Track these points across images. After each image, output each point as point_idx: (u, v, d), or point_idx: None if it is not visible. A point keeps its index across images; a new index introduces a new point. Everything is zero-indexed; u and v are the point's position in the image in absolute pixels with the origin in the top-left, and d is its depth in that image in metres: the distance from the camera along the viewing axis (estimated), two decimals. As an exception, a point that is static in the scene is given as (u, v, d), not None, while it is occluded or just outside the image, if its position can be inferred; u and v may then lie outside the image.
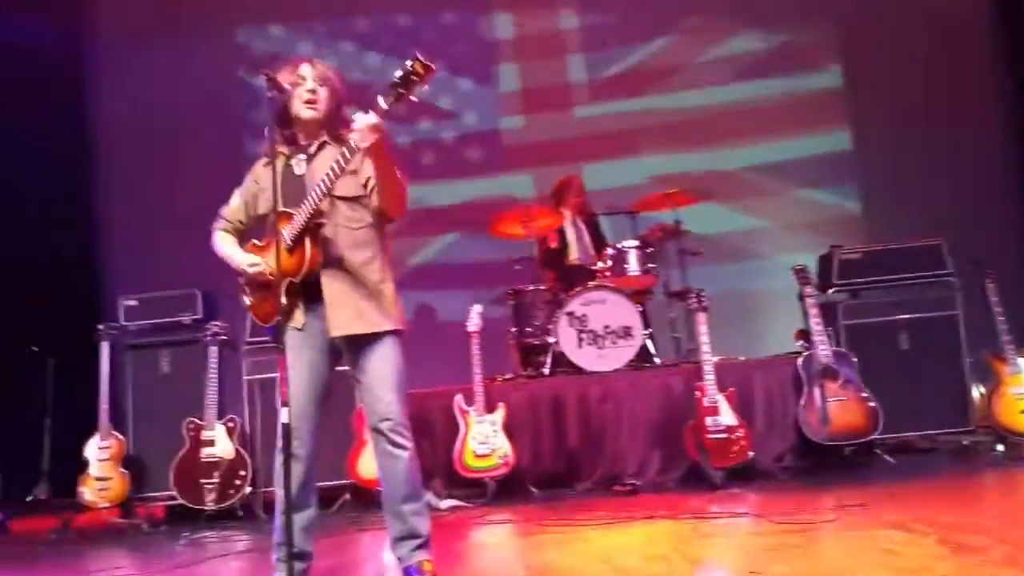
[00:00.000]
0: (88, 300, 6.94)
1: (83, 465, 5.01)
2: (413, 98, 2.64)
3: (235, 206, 3.15)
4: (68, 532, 4.85)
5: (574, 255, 6.11)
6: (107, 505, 4.98)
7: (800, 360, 4.90)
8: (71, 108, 7.36)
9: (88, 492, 4.96)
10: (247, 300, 3.09)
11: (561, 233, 6.08)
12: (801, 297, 5.06)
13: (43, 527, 4.99)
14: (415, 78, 2.60)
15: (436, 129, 7.56)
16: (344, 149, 2.76)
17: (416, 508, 2.98)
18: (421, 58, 2.58)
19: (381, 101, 2.65)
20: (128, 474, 5.02)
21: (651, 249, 5.68)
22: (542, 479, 4.96)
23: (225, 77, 7.54)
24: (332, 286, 2.92)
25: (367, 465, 4.81)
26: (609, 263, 5.58)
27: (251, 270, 2.98)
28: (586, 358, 5.25)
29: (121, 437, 5.10)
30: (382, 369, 2.94)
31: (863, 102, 7.35)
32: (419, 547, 2.97)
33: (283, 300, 2.85)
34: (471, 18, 7.80)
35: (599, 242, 6.12)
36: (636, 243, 5.67)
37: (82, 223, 7.39)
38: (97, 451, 5.01)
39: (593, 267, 5.71)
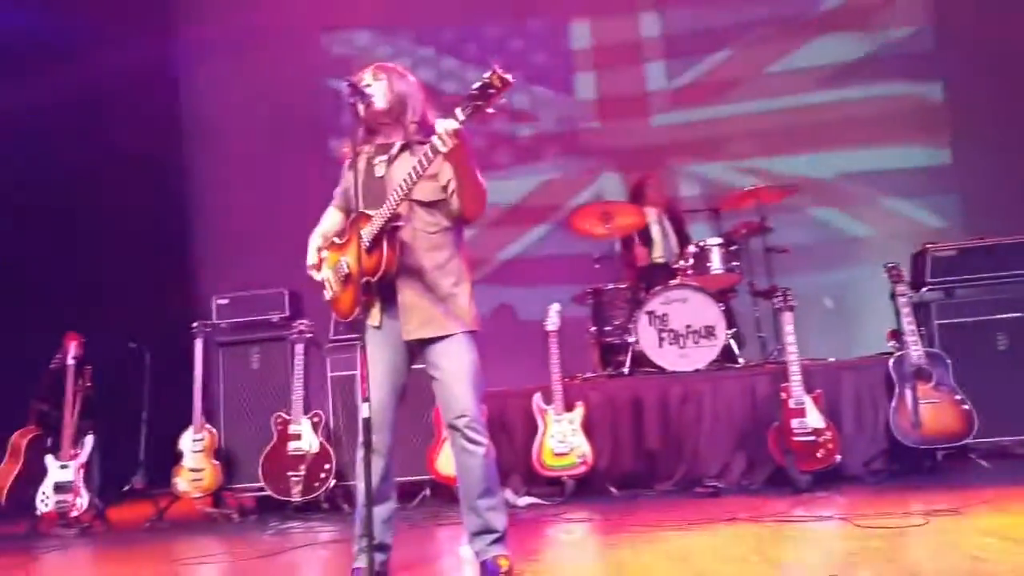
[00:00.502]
0: (184, 298, 7.24)
1: (177, 456, 5.21)
2: (490, 110, 2.66)
3: (334, 203, 3.26)
4: (162, 520, 5.07)
5: (658, 253, 6.04)
6: (200, 495, 5.17)
7: (891, 361, 4.71)
8: (166, 113, 7.70)
9: (182, 482, 5.15)
10: (328, 294, 3.18)
11: (644, 231, 6.01)
12: (893, 296, 4.87)
13: (139, 515, 5.22)
14: (492, 91, 2.62)
15: (516, 129, 7.57)
16: (423, 153, 2.81)
17: (492, 504, 3.00)
18: (498, 71, 2.59)
19: (458, 112, 2.68)
20: (219, 465, 5.21)
21: (735, 246, 5.58)
22: (621, 479, 4.91)
23: (313, 82, 7.73)
24: (406, 290, 2.98)
25: (446, 462, 4.86)
26: (691, 261, 5.50)
27: (309, 266, 3.12)
28: (667, 358, 5.19)
29: (213, 430, 5.29)
30: (456, 367, 2.97)
31: (960, 112, 7.08)
32: (495, 542, 3.00)
33: (361, 298, 2.92)
34: (551, 26, 7.81)
35: (685, 241, 6.03)
36: (719, 240, 5.58)
37: (178, 225, 7.71)
38: (191, 443, 5.21)
39: (675, 265, 5.64)
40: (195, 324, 5.49)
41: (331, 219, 3.24)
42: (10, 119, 6.55)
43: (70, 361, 5.36)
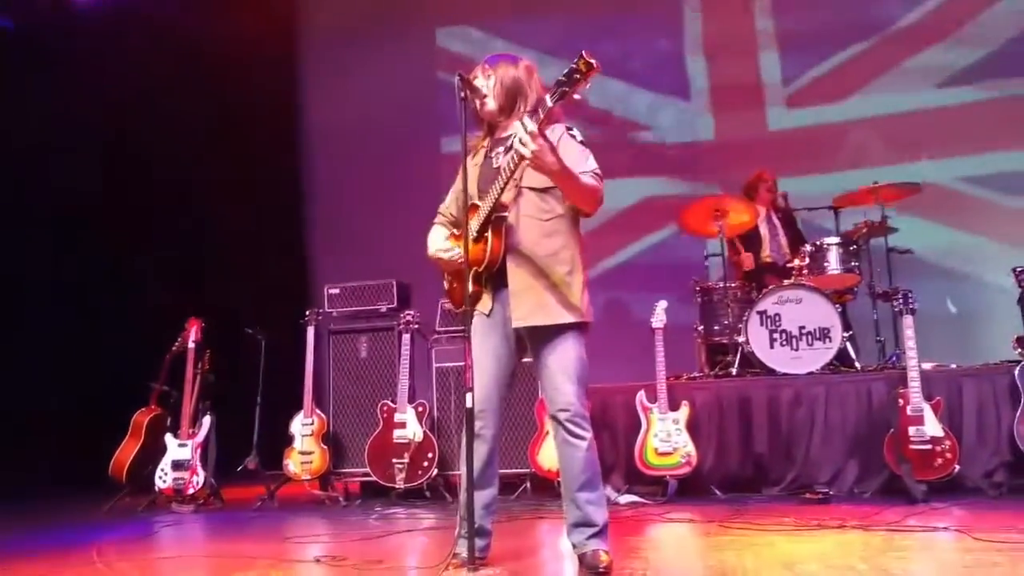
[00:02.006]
0: (299, 287, 7.49)
1: (289, 440, 5.38)
2: (576, 96, 2.65)
3: (447, 202, 3.29)
4: (273, 500, 5.24)
5: (767, 252, 5.86)
6: (308, 478, 5.32)
7: (1018, 369, 4.44)
8: (285, 107, 7.97)
9: (292, 465, 5.32)
10: (446, 284, 3.22)
11: (753, 230, 5.85)
12: (1020, 300, 4.58)
13: (251, 495, 5.41)
14: (577, 75, 2.61)
15: (626, 129, 7.47)
16: (511, 156, 2.81)
17: (591, 498, 2.98)
18: (584, 56, 2.59)
19: (548, 99, 2.68)
20: (328, 450, 5.35)
21: (854, 246, 5.36)
22: (726, 482, 4.79)
23: (424, 78, 7.85)
24: (517, 276, 2.96)
25: (547, 455, 4.87)
26: (807, 260, 5.31)
27: (443, 255, 3.09)
28: (778, 359, 5.02)
29: (323, 415, 5.44)
30: (563, 360, 2.95)
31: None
32: (594, 536, 2.97)
33: (470, 288, 2.94)
34: (663, 20, 7.67)
35: (796, 240, 5.84)
36: (837, 239, 5.37)
37: (295, 216, 7.98)
38: (301, 427, 5.37)
39: (787, 264, 5.45)
40: (308, 312, 5.66)
41: (435, 232, 3.24)
42: (137, 110, 6.93)
43: (191, 345, 5.61)
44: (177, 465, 5.31)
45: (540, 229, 2.98)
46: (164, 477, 5.30)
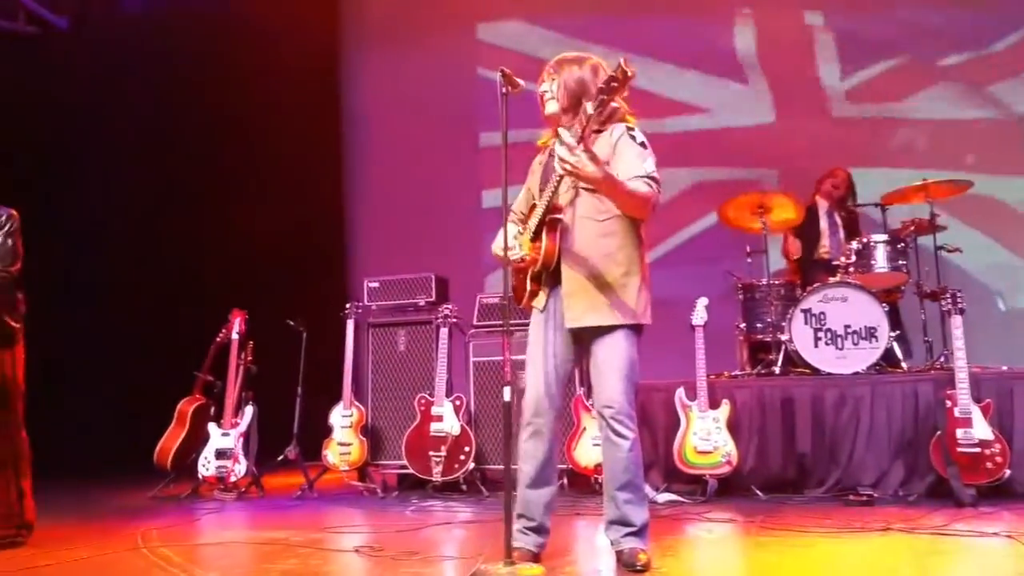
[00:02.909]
0: (338, 280, 7.55)
1: (328, 430, 5.42)
2: (614, 104, 2.72)
3: (520, 199, 3.31)
4: (312, 490, 5.28)
5: (824, 248, 5.77)
6: (347, 468, 5.36)
7: (1074, 372, 4.31)
8: (327, 102, 8.03)
9: (331, 455, 5.36)
10: (512, 281, 3.22)
11: (813, 224, 5.74)
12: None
13: (291, 484, 5.46)
14: (615, 83, 2.64)
15: (683, 125, 7.31)
16: (553, 170, 2.85)
17: (630, 497, 2.98)
18: (622, 64, 2.61)
19: (588, 106, 2.71)
20: (366, 441, 5.38)
21: (902, 244, 5.25)
22: (768, 482, 4.72)
23: (465, 72, 7.85)
24: (570, 277, 2.98)
25: (584, 452, 4.85)
26: (853, 258, 5.21)
27: (494, 252, 3.11)
28: (823, 359, 4.94)
29: (361, 407, 5.47)
30: (612, 358, 2.95)
31: None
32: (631, 534, 2.97)
33: (528, 287, 3.01)
34: (718, 17, 7.52)
35: (855, 239, 5.72)
36: (885, 237, 5.26)
37: (334, 210, 8.04)
38: (340, 419, 5.41)
39: (835, 262, 5.36)
40: (347, 305, 5.70)
41: (516, 219, 3.27)
42: (183, 103, 7.03)
43: (234, 336, 5.68)
44: (220, 454, 5.38)
45: (596, 229, 2.98)
46: (207, 465, 5.38)
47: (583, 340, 3.02)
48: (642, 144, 2.96)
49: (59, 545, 3.69)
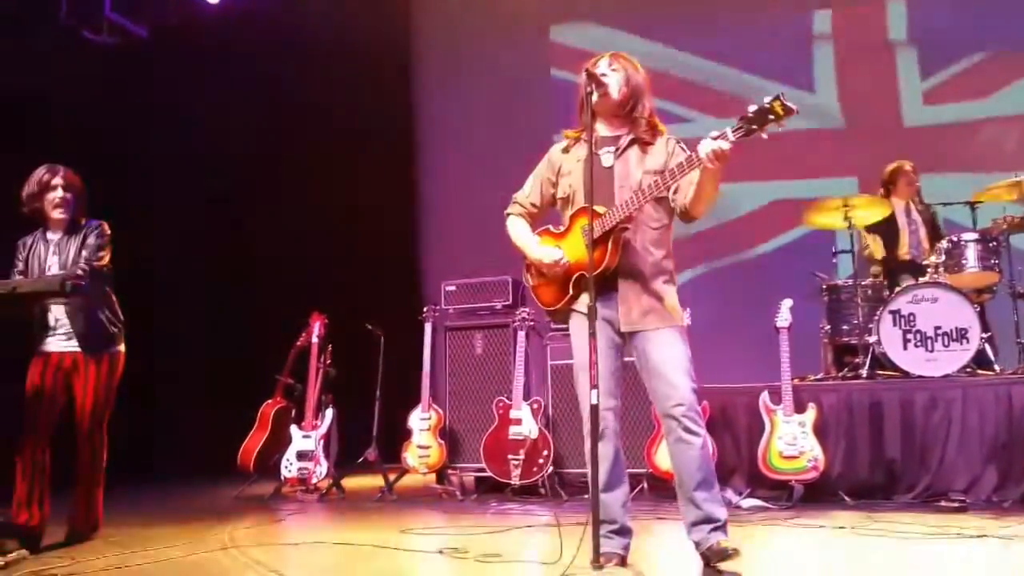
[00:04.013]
0: (414, 284, 7.63)
1: (407, 433, 5.47)
2: (764, 135, 2.62)
3: (528, 191, 3.27)
4: (392, 492, 5.34)
5: (905, 248, 5.59)
6: (426, 471, 5.40)
7: None
8: (401, 104, 8.12)
9: (410, 458, 5.40)
10: (530, 281, 3.19)
11: (890, 224, 5.58)
12: None
13: (371, 486, 5.53)
14: (772, 117, 2.60)
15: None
16: (678, 165, 2.81)
17: (708, 495, 2.94)
18: (782, 99, 2.56)
19: (729, 132, 2.67)
20: (444, 444, 5.41)
21: (994, 243, 5.05)
22: (855, 487, 4.58)
23: (538, 74, 7.84)
24: (626, 282, 2.97)
25: (664, 456, 4.74)
26: (943, 257, 5.04)
27: (548, 264, 3.04)
28: (912, 361, 4.78)
29: (439, 410, 5.51)
30: (671, 356, 2.94)
31: None
32: (716, 529, 2.93)
33: (570, 291, 2.99)
34: (790, 17, 7.36)
35: (936, 237, 5.54)
36: (976, 236, 5.07)
37: (410, 213, 8.12)
38: (419, 421, 5.45)
39: (923, 262, 5.19)
40: (425, 309, 5.75)
41: (521, 228, 3.23)
42: (258, 110, 7.19)
43: (314, 340, 5.79)
44: (302, 455, 5.48)
45: (649, 237, 3.01)
46: (290, 467, 5.48)
47: (636, 345, 3.00)
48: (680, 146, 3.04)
49: (150, 544, 3.80)
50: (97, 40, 6.61)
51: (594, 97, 3.00)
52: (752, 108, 2.59)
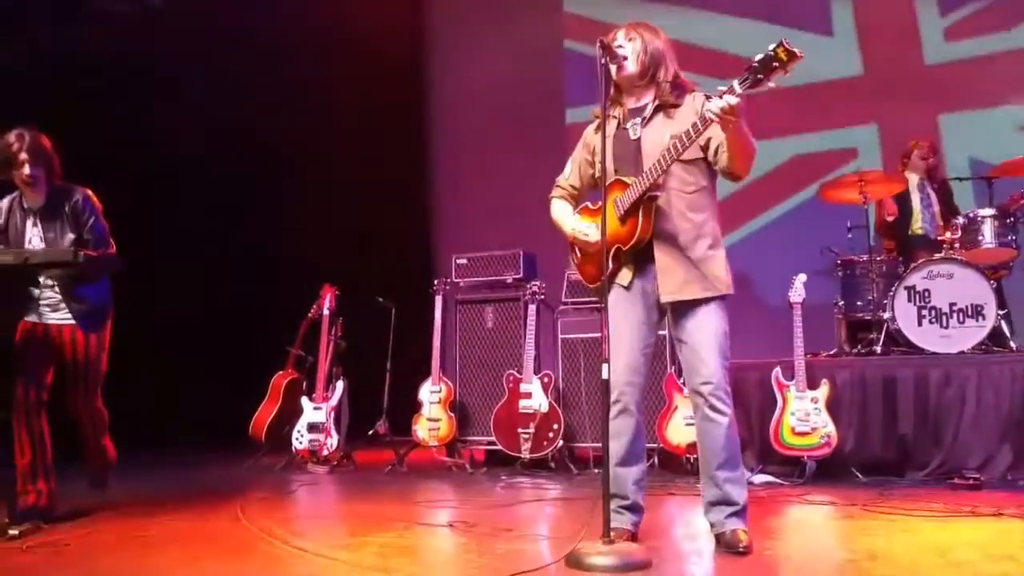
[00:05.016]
0: (425, 257, 7.61)
1: (417, 406, 5.47)
2: (771, 84, 2.56)
3: (567, 173, 3.23)
4: (402, 465, 5.35)
5: (919, 223, 5.53)
6: (436, 444, 5.41)
7: None
8: (413, 78, 8.05)
9: (420, 431, 5.41)
10: (575, 259, 3.17)
11: (904, 199, 5.52)
12: None
13: (381, 459, 5.54)
14: (776, 64, 2.52)
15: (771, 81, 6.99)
16: (692, 125, 2.73)
17: (732, 476, 2.92)
18: (786, 44, 2.49)
19: (736, 85, 2.60)
20: (455, 418, 5.41)
21: (1011, 219, 4.99)
22: (868, 464, 4.56)
23: (551, 46, 7.75)
24: (663, 251, 2.91)
25: (676, 431, 4.78)
26: (959, 233, 4.98)
27: (580, 238, 3.03)
28: (926, 337, 4.75)
29: (450, 383, 5.50)
30: (706, 333, 2.90)
31: None
32: (733, 515, 2.91)
33: (608, 265, 2.90)
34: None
35: (951, 213, 5.48)
36: (992, 211, 5.01)
37: (421, 186, 8.09)
38: (429, 394, 5.45)
39: (939, 237, 5.13)
40: (436, 282, 5.73)
41: (561, 208, 3.19)
42: (269, 85, 7.14)
43: (325, 312, 5.78)
44: (312, 427, 5.49)
45: (685, 202, 2.93)
46: (301, 438, 5.50)
47: (673, 315, 2.96)
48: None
49: (161, 514, 3.82)
50: (109, 8, 6.56)
51: (613, 70, 2.96)
52: (757, 57, 2.54)
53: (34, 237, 3.72)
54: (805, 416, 4.49)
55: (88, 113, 5.59)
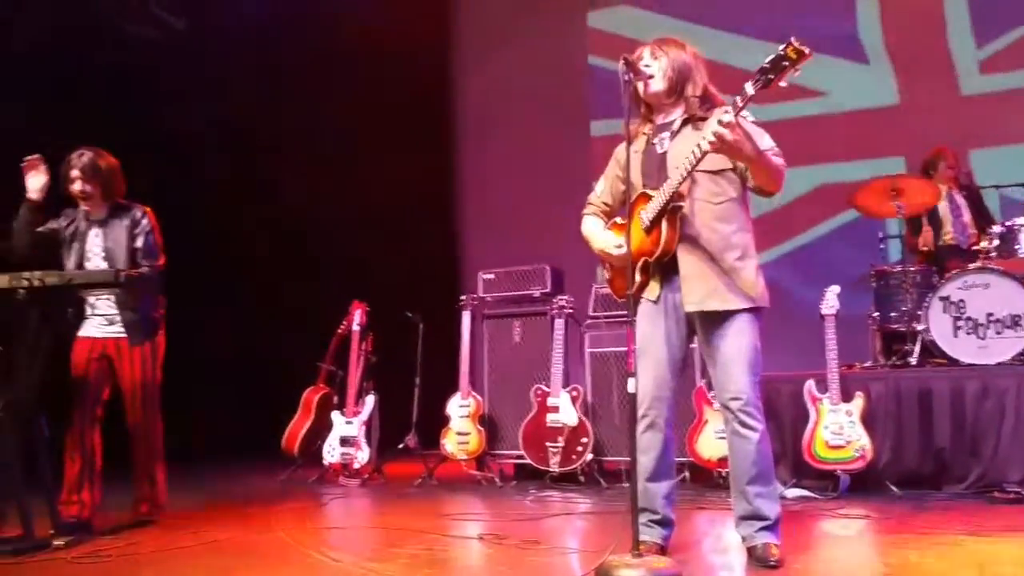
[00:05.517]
0: (452, 272, 7.64)
1: (446, 420, 5.47)
2: (782, 83, 2.56)
3: (599, 190, 3.23)
4: (432, 478, 5.35)
5: (949, 234, 5.45)
6: (465, 457, 5.40)
7: None
8: (437, 93, 8.11)
9: (449, 444, 5.41)
10: (605, 273, 3.17)
11: (933, 210, 5.45)
12: None
13: (411, 472, 5.55)
14: (786, 63, 2.52)
15: (800, 108, 6.87)
16: (697, 145, 2.73)
17: (762, 491, 2.89)
18: (795, 42, 2.49)
19: (748, 87, 2.60)
20: (483, 431, 5.40)
21: (1050, 227, 4.90)
22: (904, 478, 4.48)
23: (575, 61, 7.78)
24: (688, 262, 2.89)
25: (706, 444, 4.73)
26: (995, 242, 4.90)
27: (615, 252, 3.02)
28: (963, 349, 4.67)
29: (478, 397, 5.50)
30: (735, 347, 2.87)
31: None
32: (764, 529, 2.88)
33: (636, 278, 2.89)
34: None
35: (983, 220, 5.39)
36: (1030, 220, 4.92)
37: (447, 202, 8.13)
38: (458, 408, 5.45)
39: (972, 247, 5.05)
40: (463, 297, 5.74)
41: (592, 224, 3.19)
42: (297, 98, 7.24)
43: (355, 327, 5.81)
44: (344, 441, 5.52)
45: (712, 213, 2.90)
46: (332, 452, 5.52)
47: (700, 327, 2.93)
48: (754, 122, 2.91)
49: (199, 526, 3.86)
50: (137, 32, 6.71)
51: (640, 87, 2.96)
52: (768, 58, 2.54)
53: (95, 246, 3.93)
54: (839, 429, 4.43)
55: (122, 128, 5.68)
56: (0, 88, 5.64)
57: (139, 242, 3.91)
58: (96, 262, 3.90)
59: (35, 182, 3.79)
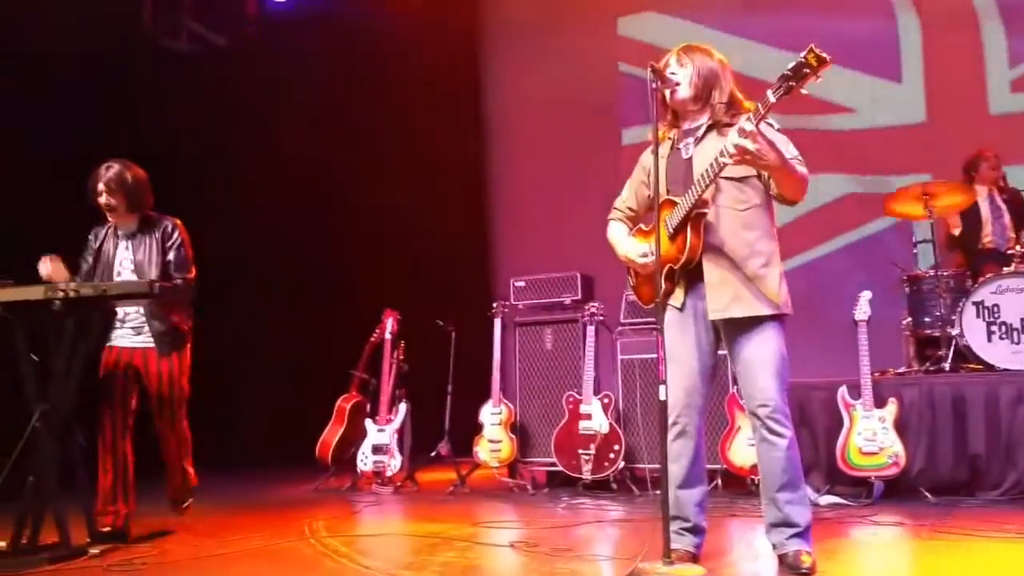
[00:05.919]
0: (483, 279, 7.68)
1: (478, 428, 5.51)
2: (804, 91, 2.58)
3: (625, 196, 3.26)
4: (464, 485, 5.39)
5: (988, 237, 5.39)
6: (497, 465, 5.43)
7: None
8: (469, 101, 8.17)
9: (482, 452, 5.45)
10: (631, 280, 3.19)
11: (973, 212, 5.39)
12: None
13: (443, 480, 5.60)
14: (807, 70, 2.54)
15: (832, 124, 6.88)
16: (717, 156, 2.75)
17: (792, 497, 2.89)
18: (815, 49, 2.51)
19: (770, 95, 2.61)
20: (515, 439, 5.43)
21: (1086, 231, 4.84)
22: (937, 484, 4.43)
23: (605, 68, 7.79)
24: (713, 269, 2.91)
25: (738, 452, 4.72)
26: (1031, 246, 4.85)
27: (639, 260, 3.05)
28: (997, 354, 4.62)
29: (510, 405, 5.53)
30: (761, 354, 2.87)
31: None
32: (795, 536, 2.88)
33: (663, 285, 2.89)
34: (871, 7, 7.04)
35: (1022, 224, 5.33)
36: (1067, 224, 4.86)
37: (480, 211, 8.18)
38: (490, 416, 5.49)
39: (1009, 251, 5.00)
40: (495, 305, 5.78)
41: (617, 230, 3.21)
42: (326, 107, 7.34)
43: (387, 336, 5.88)
44: (376, 449, 5.58)
45: (737, 220, 2.91)
46: (365, 460, 5.59)
47: (726, 334, 2.94)
48: (779, 130, 2.91)
49: (233, 534, 3.93)
50: (175, 48, 6.84)
51: (667, 94, 2.99)
52: (789, 65, 2.56)
53: (125, 260, 3.97)
54: (872, 436, 4.40)
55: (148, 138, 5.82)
56: (41, 104, 5.81)
57: (171, 255, 3.94)
58: (126, 276, 3.93)
59: (42, 268, 3.81)
